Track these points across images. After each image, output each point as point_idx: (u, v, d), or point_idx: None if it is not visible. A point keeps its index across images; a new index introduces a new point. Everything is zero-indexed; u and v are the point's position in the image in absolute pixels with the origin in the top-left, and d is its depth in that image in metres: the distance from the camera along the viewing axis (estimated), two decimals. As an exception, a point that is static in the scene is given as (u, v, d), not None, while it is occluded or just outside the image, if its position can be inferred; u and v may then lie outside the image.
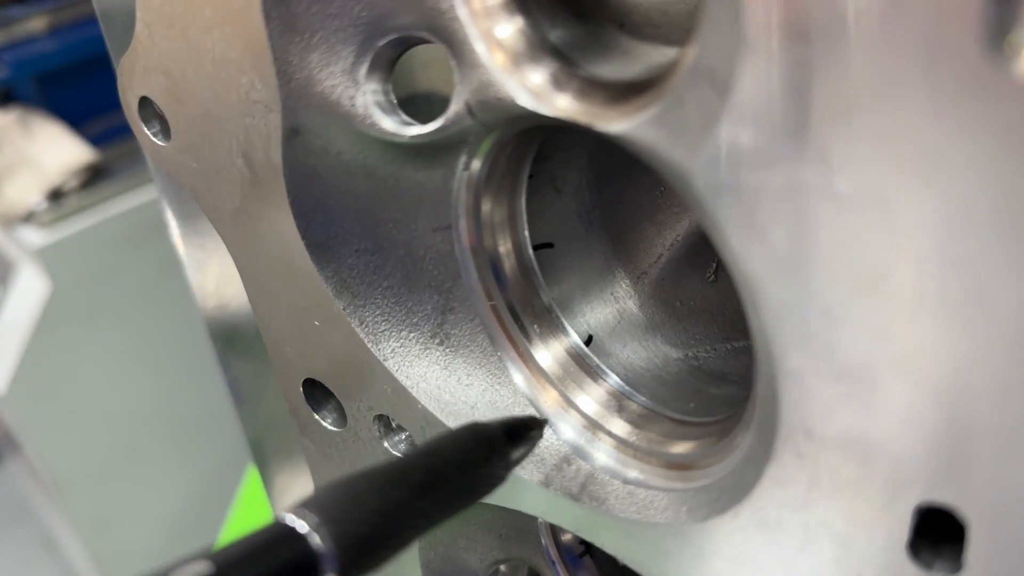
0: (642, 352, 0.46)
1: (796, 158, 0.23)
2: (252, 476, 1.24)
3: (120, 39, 0.51)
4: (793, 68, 0.22)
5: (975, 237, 0.22)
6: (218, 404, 1.13)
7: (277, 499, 0.71)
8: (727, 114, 0.24)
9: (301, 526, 0.30)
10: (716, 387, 0.44)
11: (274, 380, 0.49)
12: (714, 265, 0.46)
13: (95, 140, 1.79)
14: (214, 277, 0.62)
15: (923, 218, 0.22)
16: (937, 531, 0.29)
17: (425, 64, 0.39)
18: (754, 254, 0.26)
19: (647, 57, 0.32)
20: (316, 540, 0.30)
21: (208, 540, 1.53)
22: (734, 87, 0.23)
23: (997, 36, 0.20)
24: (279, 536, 0.30)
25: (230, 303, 0.63)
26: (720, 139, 0.25)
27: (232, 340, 0.64)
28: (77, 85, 1.84)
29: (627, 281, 0.48)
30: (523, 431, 0.38)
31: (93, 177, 1.74)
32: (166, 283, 1.57)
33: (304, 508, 0.31)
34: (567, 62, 0.32)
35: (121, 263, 1.68)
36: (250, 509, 1.25)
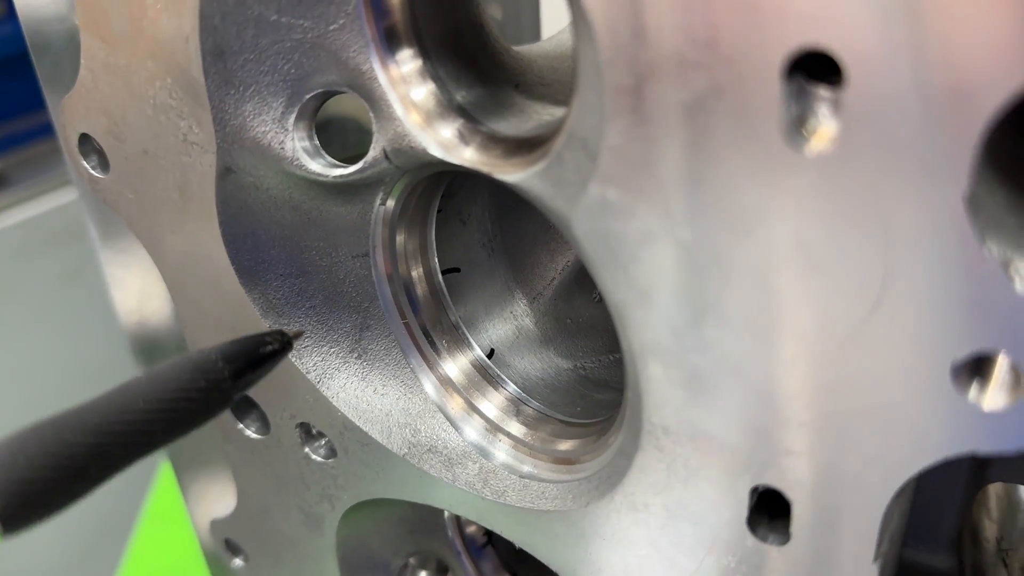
0: (537, 363, 0.52)
1: (649, 213, 0.30)
2: (161, 487, 1.25)
3: (50, 71, 0.54)
4: (644, 145, 0.28)
5: (780, 272, 0.29)
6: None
7: (194, 505, 0.74)
8: (596, 175, 0.30)
9: None
10: (599, 393, 0.50)
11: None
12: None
13: (-9, 148, 1.75)
14: (136, 295, 0.65)
15: (742, 259, 0.29)
16: (773, 509, 0.35)
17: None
18: (619, 285, 0.32)
19: (538, 116, 0.38)
20: None
21: (111, 561, 1.51)
22: (601, 155, 0.30)
23: (795, 124, 0.27)
24: None
25: (151, 319, 0.66)
26: (592, 194, 0.31)
27: (153, 353, 0.67)
28: (-27, 92, 1.79)
29: (524, 301, 0.54)
30: (249, 352, 0.36)
31: (-10, 186, 1.70)
32: (66, 295, 1.55)
33: None
34: (471, 119, 0.37)
35: (20, 274, 1.64)
36: (158, 521, 1.26)
